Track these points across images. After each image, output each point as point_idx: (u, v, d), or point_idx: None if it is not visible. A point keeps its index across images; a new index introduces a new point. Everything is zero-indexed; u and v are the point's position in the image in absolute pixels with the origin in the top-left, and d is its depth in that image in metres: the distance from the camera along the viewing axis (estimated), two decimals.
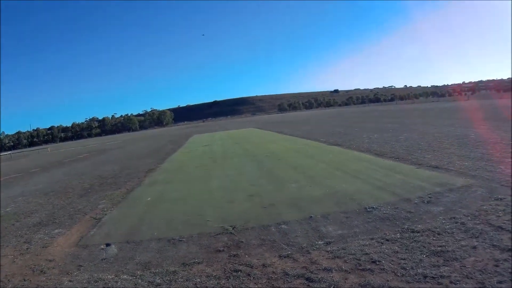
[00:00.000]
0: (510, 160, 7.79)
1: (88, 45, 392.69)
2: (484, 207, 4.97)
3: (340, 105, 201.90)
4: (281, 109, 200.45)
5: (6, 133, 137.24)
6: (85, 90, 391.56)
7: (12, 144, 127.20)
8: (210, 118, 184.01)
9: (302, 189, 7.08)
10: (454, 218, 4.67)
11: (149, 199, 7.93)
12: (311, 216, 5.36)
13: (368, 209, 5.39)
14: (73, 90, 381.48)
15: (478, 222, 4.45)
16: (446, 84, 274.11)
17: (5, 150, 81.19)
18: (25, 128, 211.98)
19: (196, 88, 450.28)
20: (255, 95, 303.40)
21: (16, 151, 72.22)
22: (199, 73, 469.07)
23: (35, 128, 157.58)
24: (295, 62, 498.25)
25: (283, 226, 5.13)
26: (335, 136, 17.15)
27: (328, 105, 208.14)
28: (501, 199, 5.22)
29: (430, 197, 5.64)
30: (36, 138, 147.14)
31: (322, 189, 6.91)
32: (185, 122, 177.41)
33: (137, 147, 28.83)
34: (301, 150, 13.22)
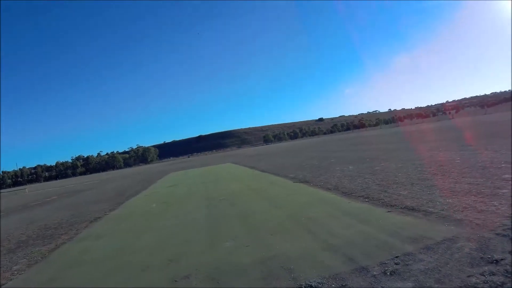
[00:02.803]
0: (506, 191, 6.22)
1: (73, 83, 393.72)
2: (474, 279, 3.35)
3: (325, 133, 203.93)
4: (266, 140, 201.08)
5: None
6: (71, 129, 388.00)
7: None
8: (195, 153, 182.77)
9: (233, 252, 5.33)
10: None
11: (65, 260, 6.60)
12: None
13: None
14: (59, 129, 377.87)
15: None
16: (429, 105, 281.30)
17: None
18: (11, 167, 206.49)
19: (181, 123, 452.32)
20: (240, 128, 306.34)
21: None
22: (184, 108, 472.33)
23: (21, 168, 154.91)
24: (279, 93, 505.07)
25: None
26: (306, 170, 15.64)
27: (313, 133, 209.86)
28: (497, 261, 3.63)
29: (396, 264, 3.96)
30: (20, 178, 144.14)
31: (258, 251, 5.18)
32: (171, 158, 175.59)
33: (106, 188, 27.00)
34: (262, 191, 11.73)
